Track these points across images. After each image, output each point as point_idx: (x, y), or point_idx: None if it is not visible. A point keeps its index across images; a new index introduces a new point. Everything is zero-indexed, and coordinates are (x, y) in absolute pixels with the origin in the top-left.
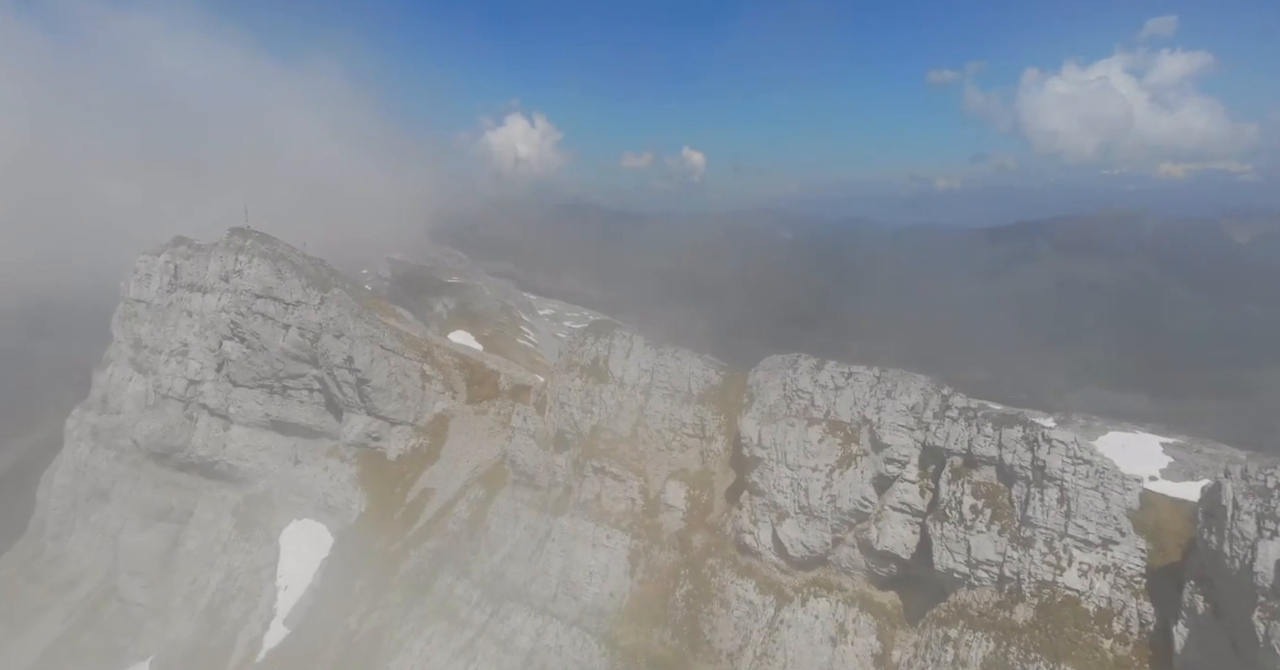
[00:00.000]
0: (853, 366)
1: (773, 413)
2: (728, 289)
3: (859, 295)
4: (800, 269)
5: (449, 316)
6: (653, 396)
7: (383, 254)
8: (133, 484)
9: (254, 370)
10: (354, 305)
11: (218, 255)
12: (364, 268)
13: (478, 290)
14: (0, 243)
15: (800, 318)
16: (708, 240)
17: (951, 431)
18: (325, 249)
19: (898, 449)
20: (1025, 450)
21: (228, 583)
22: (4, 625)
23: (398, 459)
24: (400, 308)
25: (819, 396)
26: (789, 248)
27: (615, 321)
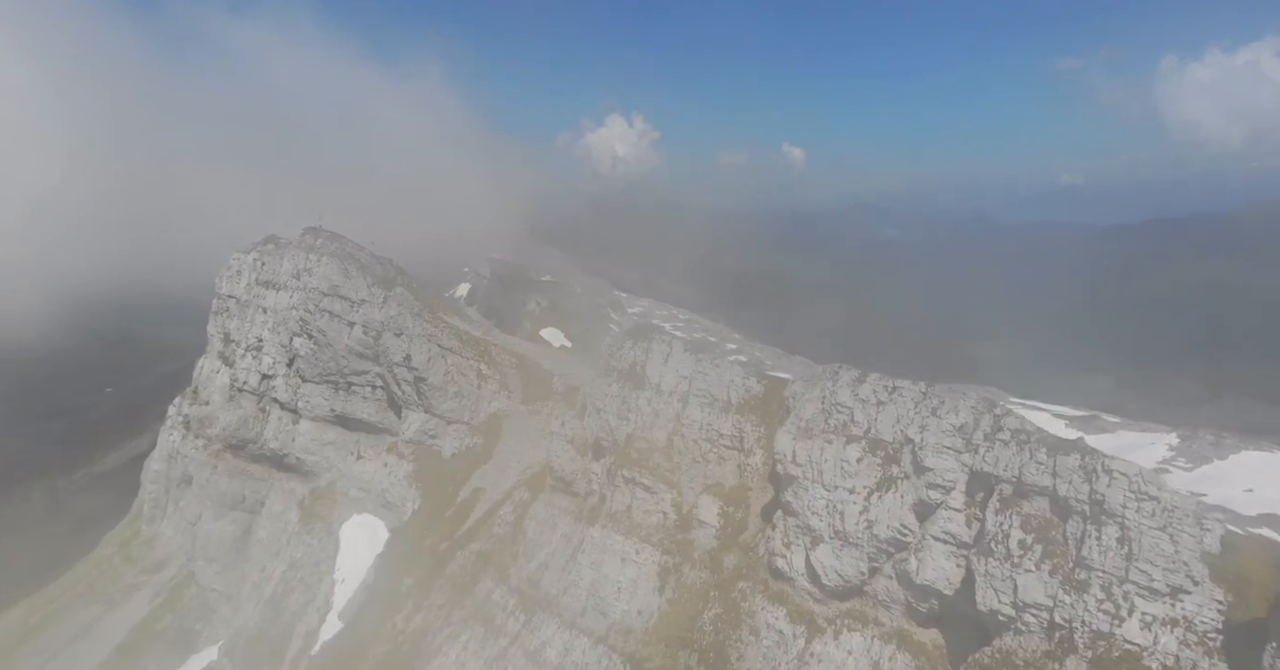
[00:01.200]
0: (897, 380)
1: (809, 428)
2: (824, 289)
3: (970, 296)
4: (905, 268)
5: (541, 313)
6: (690, 405)
7: (484, 253)
8: (210, 473)
9: (321, 366)
10: (415, 304)
11: (291, 254)
12: (465, 266)
13: (569, 288)
14: (132, 240)
15: (902, 319)
16: (805, 238)
17: (1001, 456)
18: (429, 248)
19: (941, 473)
20: (1082, 481)
21: (290, 574)
22: (100, 602)
23: (452, 457)
24: (469, 306)
25: (859, 412)
26: (893, 246)
27: (655, 325)
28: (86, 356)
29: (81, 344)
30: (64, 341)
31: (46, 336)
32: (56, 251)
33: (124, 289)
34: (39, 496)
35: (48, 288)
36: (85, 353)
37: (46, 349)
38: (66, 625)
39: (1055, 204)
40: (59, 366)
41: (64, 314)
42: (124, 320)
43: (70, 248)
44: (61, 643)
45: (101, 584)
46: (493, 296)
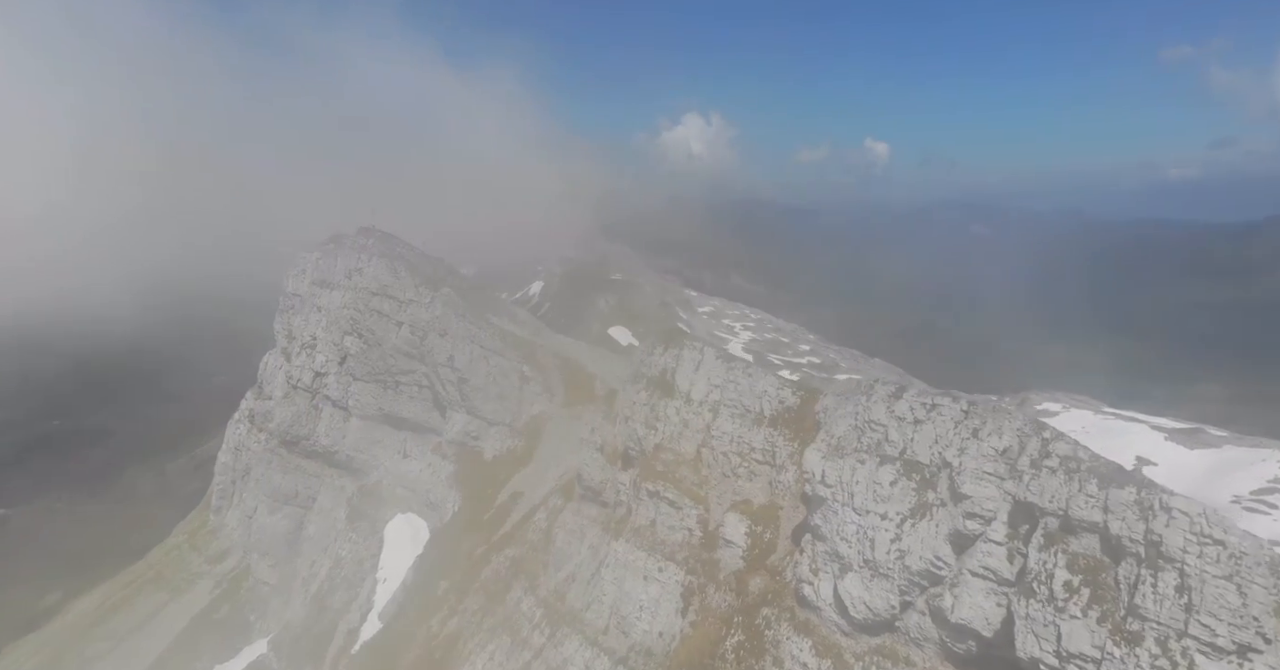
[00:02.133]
0: (938, 397)
1: (841, 446)
2: (908, 288)
3: (1066, 297)
4: (996, 267)
5: (609, 312)
6: (720, 415)
7: (557, 252)
8: (266, 468)
9: (370, 365)
10: (460, 304)
11: (344, 254)
12: (539, 264)
13: (638, 287)
14: (227, 236)
15: (991, 321)
16: (887, 236)
17: (1047, 485)
18: (505, 247)
19: (980, 501)
20: (1137, 519)
21: (335, 571)
22: (167, 589)
23: (493, 459)
24: (540, 303)
25: (894, 430)
26: (984, 244)
27: (686, 331)
28: (194, 348)
29: (189, 336)
30: (171, 334)
31: (153, 330)
32: (162, 249)
33: (222, 284)
34: (147, 479)
35: (151, 284)
36: (194, 344)
37: (155, 341)
38: (136, 610)
39: (1163, 200)
40: (167, 357)
41: (169, 310)
42: (228, 313)
43: (171, 246)
44: (130, 628)
45: (170, 571)
46: (563, 294)
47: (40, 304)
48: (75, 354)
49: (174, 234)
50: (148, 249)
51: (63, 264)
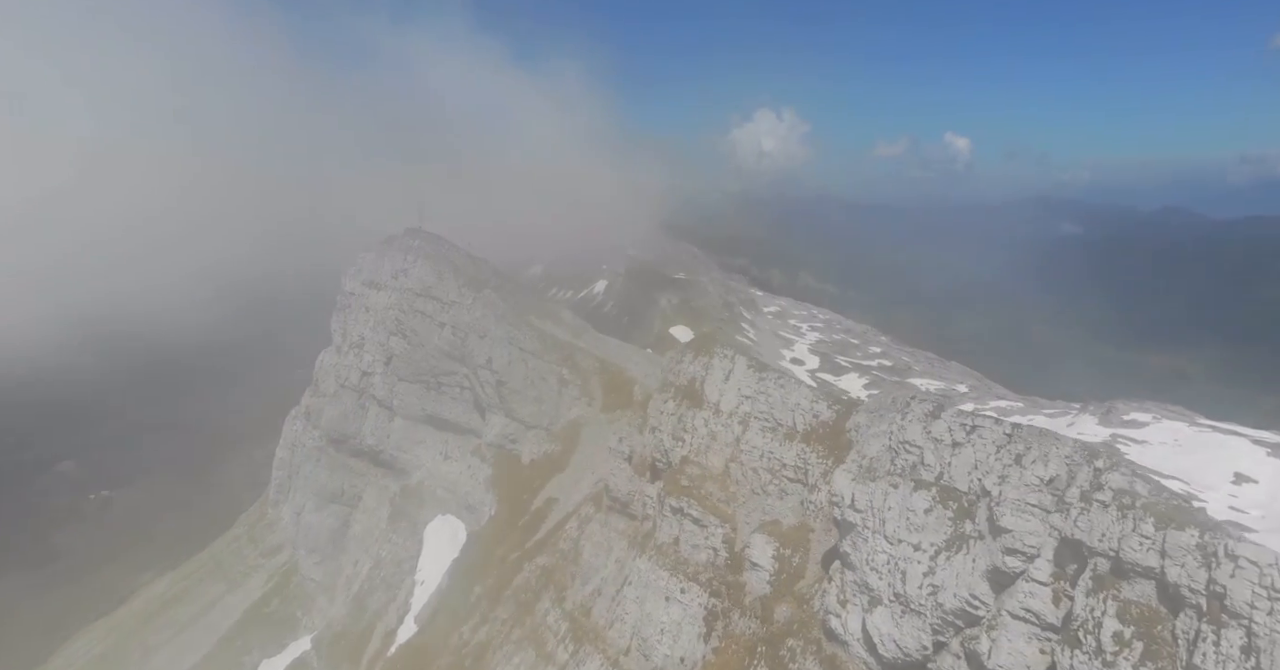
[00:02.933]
0: (979, 417)
1: (872, 468)
2: (991, 288)
3: (1168, 300)
4: (1088, 267)
5: (671, 311)
6: (751, 428)
7: (622, 250)
8: (314, 465)
9: (413, 366)
10: (500, 306)
11: (390, 255)
12: (604, 263)
13: (701, 286)
14: (296, 236)
15: (1082, 324)
16: (968, 233)
17: (1098, 522)
18: (570, 246)
19: (1022, 536)
20: (1199, 566)
21: (375, 572)
22: (224, 580)
23: (530, 464)
24: (565, 308)
25: (930, 453)
26: (1075, 243)
27: (717, 337)
28: (280, 342)
29: (275, 330)
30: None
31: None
32: (238, 247)
33: (299, 281)
34: (238, 467)
35: (230, 281)
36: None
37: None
38: (196, 600)
39: (1273, 196)
40: (255, 351)
41: (253, 306)
42: (307, 311)
43: (246, 243)
44: (189, 618)
45: (228, 563)
46: (626, 293)
47: (131, 300)
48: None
49: (249, 232)
50: (224, 247)
51: (145, 262)
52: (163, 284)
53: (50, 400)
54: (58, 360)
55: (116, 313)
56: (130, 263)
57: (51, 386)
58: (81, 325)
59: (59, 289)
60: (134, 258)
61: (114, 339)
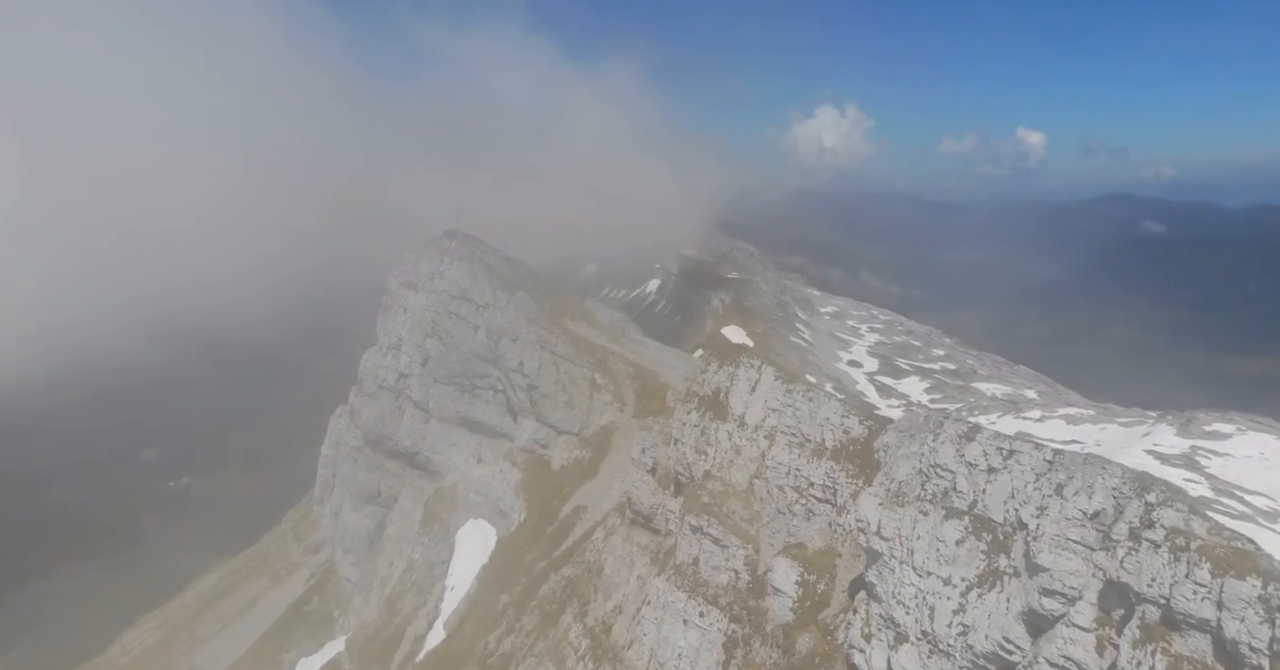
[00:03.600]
0: (1016, 441)
1: (901, 492)
2: (1062, 290)
3: (1254, 303)
4: (1170, 267)
5: (724, 311)
6: (777, 444)
7: (676, 250)
8: (352, 465)
9: (448, 368)
10: (532, 308)
11: (427, 256)
12: (657, 263)
13: (754, 286)
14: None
15: (1162, 327)
16: (1041, 232)
17: (1147, 565)
18: (625, 245)
19: (1061, 576)
20: (1261, 621)
21: (407, 575)
22: (268, 577)
23: (560, 469)
24: (604, 308)
25: (964, 479)
26: (1156, 242)
27: (744, 346)
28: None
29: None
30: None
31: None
32: (303, 246)
33: (358, 280)
34: (310, 458)
35: (294, 280)
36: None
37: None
38: (242, 595)
39: None
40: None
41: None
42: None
43: (307, 242)
44: (235, 612)
45: (273, 559)
46: (679, 293)
47: (194, 295)
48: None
49: (308, 230)
50: (284, 246)
51: (205, 258)
52: (228, 280)
53: (133, 389)
54: (134, 351)
55: (179, 306)
56: (190, 258)
57: (131, 376)
58: (148, 318)
59: (125, 282)
60: (193, 253)
61: (181, 332)
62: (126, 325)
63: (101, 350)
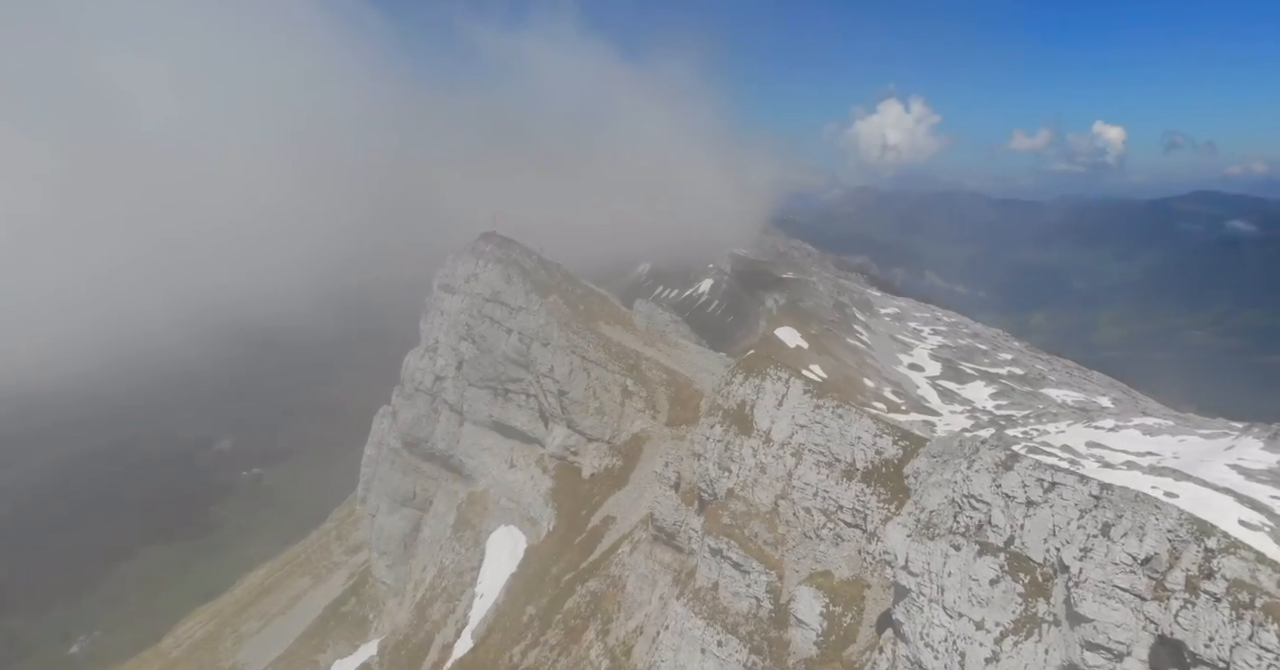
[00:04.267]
0: (1059, 472)
1: (932, 524)
2: (1141, 291)
3: None
4: (1260, 268)
5: (778, 312)
6: (804, 462)
7: (730, 249)
8: (389, 467)
9: (482, 371)
10: (565, 313)
11: (464, 259)
12: (710, 262)
13: (810, 286)
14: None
15: (1251, 331)
16: (1118, 231)
17: (1205, 621)
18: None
19: (1107, 628)
20: None
21: (437, 581)
22: (310, 575)
23: (590, 478)
24: (655, 309)
25: (1000, 512)
26: (1245, 242)
27: (771, 357)
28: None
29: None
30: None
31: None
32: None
33: (410, 280)
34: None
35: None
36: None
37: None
38: (284, 593)
39: None
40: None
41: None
42: None
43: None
44: (278, 609)
45: (317, 557)
46: (732, 293)
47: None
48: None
49: (364, 229)
50: (338, 244)
51: (259, 256)
52: (280, 278)
53: (199, 381)
54: (189, 343)
55: (231, 302)
56: (242, 255)
57: (190, 366)
58: (201, 313)
59: (181, 278)
60: (245, 251)
61: (237, 326)
62: (180, 320)
63: (161, 343)
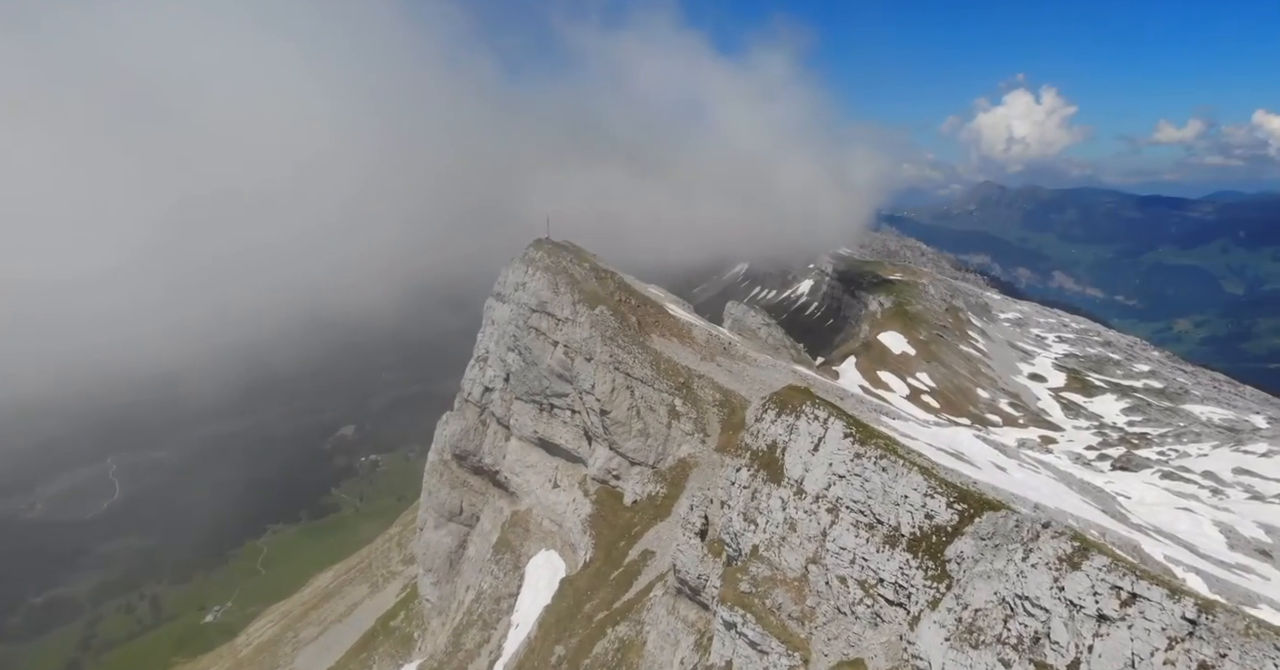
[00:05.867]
0: (1147, 581)
1: (976, 627)
2: None
3: None
4: None
5: (882, 316)
6: (841, 522)
7: (831, 248)
8: (437, 479)
9: (527, 385)
10: (611, 325)
11: (514, 266)
12: (811, 262)
13: (919, 288)
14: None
15: None
16: None
17: None
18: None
19: None
20: None
21: (475, 606)
22: (368, 583)
23: (632, 505)
24: (749, 312)
25: (1061, 625)
26: None
27: (811, 391)
28: None
29: None
30: None
31: None
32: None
33: None
34: None
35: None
36: None
37: None
38: (344, 600)
39: None
40: None
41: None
42: None
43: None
44: (334, 617)
45: (377, 564)
46: (833, 295)
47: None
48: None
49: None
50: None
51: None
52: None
53: (330, 372)
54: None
55: (323, 297)
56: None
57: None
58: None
59: (277, 273)
60: (333, 247)
61: (358, 323)
62: (283, 315)
63: (263, 336)
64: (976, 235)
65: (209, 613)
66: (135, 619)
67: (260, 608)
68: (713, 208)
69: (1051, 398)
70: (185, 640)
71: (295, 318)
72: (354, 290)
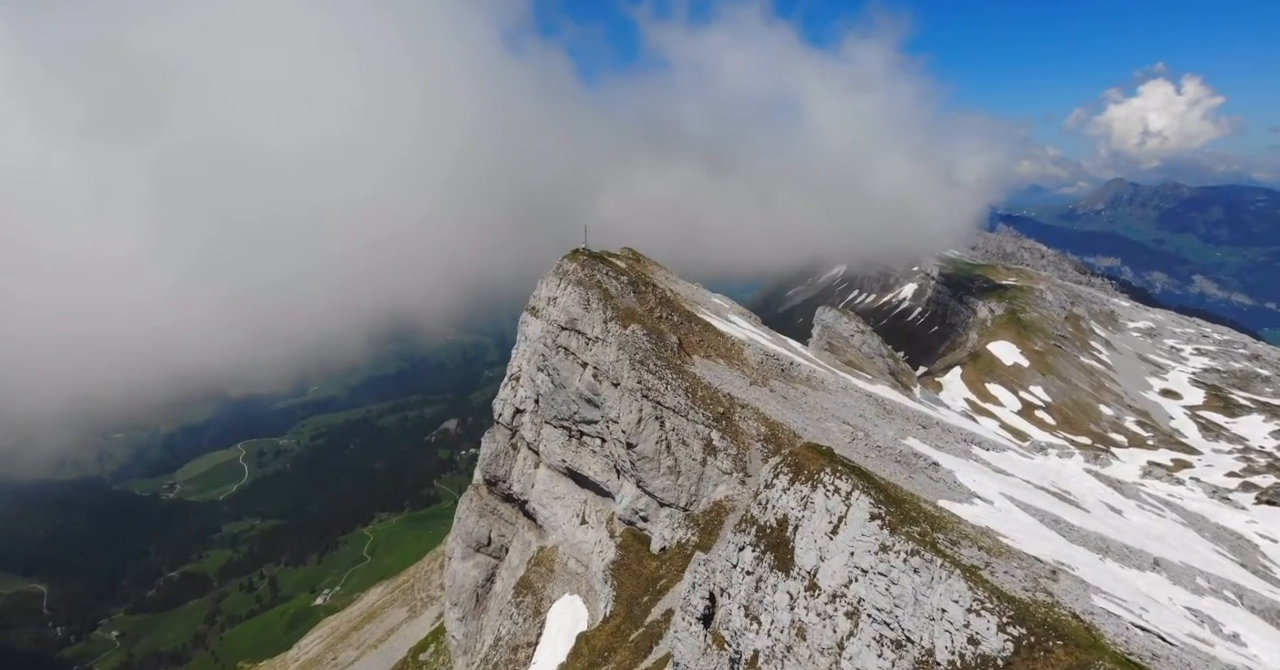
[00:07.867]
0: None
1: None
2: None
3: None
4: None
5: (993, 323)
6: (861, 633)
7: (938, 249)
8: (466, 505)
9: (555, 408)
10: (643, 348)
11: (548, 279)
12: (915, 264)
13: (1036, 294)
14: None
15: None
16: None
17: None
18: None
19: None
20: None
21: (491, 653)
22: (408, 607)
23: (660, 552)
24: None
25: None
26: None
27: (833, 453)
28: None
29: None
30: None
31: None
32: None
33: None
34: None
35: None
36: None
37: None
38: (384, 622)
39: None
40: None
41: None
42: None
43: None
44: (372, 640)
45: (420, 585)
46: (938, 300)
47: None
48: None
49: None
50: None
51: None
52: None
53: (438, 367)
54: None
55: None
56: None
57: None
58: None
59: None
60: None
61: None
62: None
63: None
64: (1105, 236)
65: (319, 595)
66: (255, 597)
67: (358, 597)
68: (804, 207)
69: (1187, 417)
70: (298, 620)
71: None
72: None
